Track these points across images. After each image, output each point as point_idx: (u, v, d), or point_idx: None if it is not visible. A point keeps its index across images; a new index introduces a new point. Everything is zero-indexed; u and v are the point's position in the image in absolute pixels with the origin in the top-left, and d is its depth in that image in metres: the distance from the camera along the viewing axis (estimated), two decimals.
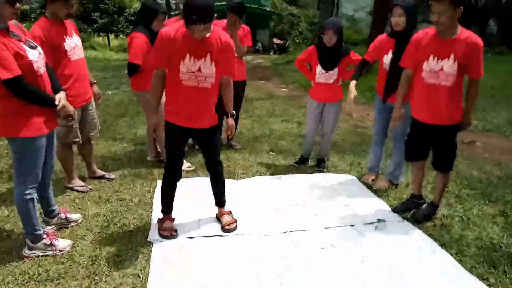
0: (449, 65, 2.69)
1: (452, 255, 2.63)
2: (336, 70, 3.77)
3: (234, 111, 2.82)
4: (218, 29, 2.51)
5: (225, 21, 4.22)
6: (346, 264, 2.52)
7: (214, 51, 2.46)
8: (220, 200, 2.99)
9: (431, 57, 2.75)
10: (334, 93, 3.89)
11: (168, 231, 2.76)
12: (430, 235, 2.90)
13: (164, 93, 2.70)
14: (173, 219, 2.86)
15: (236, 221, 2.93)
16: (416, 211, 3.15)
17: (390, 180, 3.73)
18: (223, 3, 5.17)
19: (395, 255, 2.63)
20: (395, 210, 3.25)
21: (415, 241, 2.81)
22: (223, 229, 2.86)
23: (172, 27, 2.45)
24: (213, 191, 2.97)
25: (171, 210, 2.86)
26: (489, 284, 2.36)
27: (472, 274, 2.44)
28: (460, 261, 2.58)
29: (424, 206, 3.21)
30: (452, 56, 2.67)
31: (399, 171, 3.70)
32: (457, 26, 2.67)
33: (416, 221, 3.06)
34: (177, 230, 2.81)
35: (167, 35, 2.40)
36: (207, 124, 2.67)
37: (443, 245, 2.76)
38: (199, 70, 2.46)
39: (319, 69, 3.82)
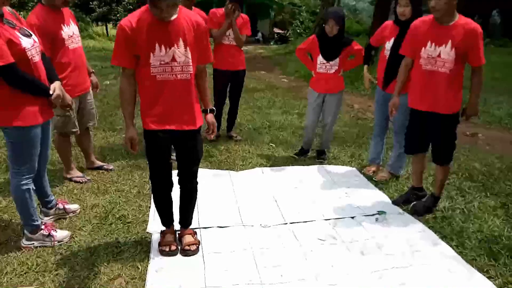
0: (446, 51, 2.68)
1: (453, 248, 2.62)
2: (337, 60, 3.73)
3: (213, 107, 2.44)
4: (185, 9, 2.16)
5: (222, 9, 4.18)
6: (346, 256, 2.51)
7: (186, 33, 2.10)
8: (186, 220, 2.57)
9: (428, 43, 2.74)
10: (335, 83, 3.84)
11: (168, 246, 2.45)
12: (431, 227, 2.88)
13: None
14: (174, 232, 2.57)
15: (199, 242, 2.55)
16: (416, 203, 3.13)
17: (391, 172, 3.71)
18: None
19: (396, 247, 2.62)
20: (395, 202, 3.23)
21: (415, 233, 2.79)
22: (182, 250, 2.47)
23: (131, 16, 2.07)
24: (180, 209, 2.54)
25: (172, 221, 2.55)
26: (490, 276, 2.35)
27: (472, 266, 2.43)
28: (461, 253, 2.57)
29: (424, 198, 3.18)
30: (449, 42, 2.65)
31: (400, 163, 3.68)
32: (455, 13, 2.66)
33: (416, 213, 3.04)
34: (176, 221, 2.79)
35: (127, 27, 2.02)
36: (194, 123, 2.27)
37: (444, 237, 2.75)
38: (173, 59, 2.10)
39: (320, 59, 3.77)
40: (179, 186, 2.45)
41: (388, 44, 3.39)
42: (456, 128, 2.92)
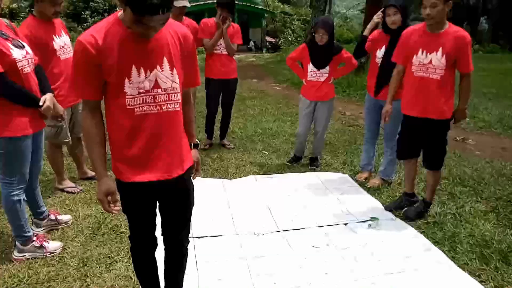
0: (437, 58, 2.75)
1: (445, 252, 2.64)
2: (327, 68, 3.77)
3: (198, 141, 1.96)
4: (169, 20, 1.52)
5: (213, 19, 4.21)
6: (339, 263, 2.51)
7: (172, 51, 1.57)
8: None
9: (419, 51, 2.82)
10: (326, 91, 3.88)
11: None
12: (423, 232, 2.90)
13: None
14: None
15: None
16: (407, 209, 3.16)
17: (382, 178, 3.74)
18: (210, 1, 5.14)
19: (389, 253, 2.63)
20: (387, 208, 3.25)
21: (408, 239, 2.81)
22: None
23: (95, 30, 1.48)
24: (166, 277, 1.98)
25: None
26: (481, 281, 2.37)
27: (464, 270, 2.45)
28: (452, 258, 2.59)
29: (416, 204, 3.21)
30: (440, 49, 2.73)
31: (391, 169, 3.71)
32: (445, 21, 2.75)
33: (408, 219, 3.07)
34: None
35: (90, 45, 1.44)
36: (182, 166, 1.70)
37: (436, 243, 2.77)
38: (156, 85, 1.55)
39: (310, 67, 3.82)
40: (164, 247, 1.91)
41: (379, 52, 3.44)
42: (447, 134, 2.96)
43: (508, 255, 2.62)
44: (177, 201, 1.77)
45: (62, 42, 3.03)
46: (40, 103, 2.33)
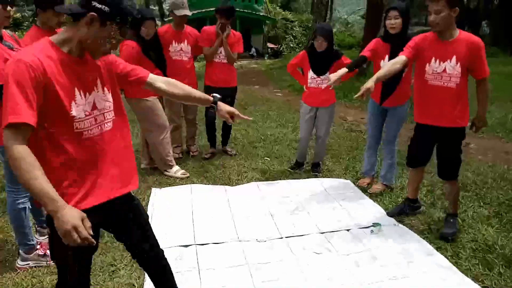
0: (451, 66, 2.69)
1: (447, 258, 2.64)
2: (327, 74, 3.79)
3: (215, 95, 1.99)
4: None
5: (214, 27, 4.21)
6: (342, 269, 2.51)
7: (102, 72, 1.58)
8: None
9: (432, 59, 2.75)
10: (326, 97, 3.90)
11: None
12: (425, 238, 2.90)
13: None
14: None
15: None
16: (443, 232, 2.92)
17: (384, 184, 3.74)
18: (211, 8, 5.11)
19: (391, 259, 2.63)
20: (390, 213, 3.25)
21: (411, 245, 2.81)
22: None
23: (35, 51, 1.38)
24: None
25: None
26: (485, 286, 2.36)
27: (467, 276, 2.44)
28: (455, 263, 2.58)
29: (446, 222, 2.99)
30: (454, 57, 2.68)
31: (391, 174, 3.72)
32: (455, 28, 2.68)
33: (445, 240, 2.86)
34: (173, 238, 2.79)
35: (37, 67, 1.33)
36: (130, 185, 1.69)
37: (438, 248, 2.76)
38: (94, 107, 1.53)
39: (311, 74, 3.84)
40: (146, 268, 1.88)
41: (383, 63, 3.37)
42: (461, 143, 2.89)
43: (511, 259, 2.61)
44: (138, 214, 1.76)
45: None
46: None
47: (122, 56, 3.63)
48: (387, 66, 2.87)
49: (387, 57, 3.34)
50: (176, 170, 4.03)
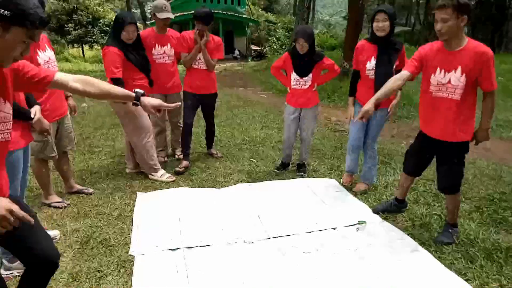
0: (456, 77, 2.56)
1: (431, 253, 2.69)
2: (310, 76, 3.83)
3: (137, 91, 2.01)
4: None
5: (193, 32, 4.08)
6: (329, 268, 2.54)
7: (7, 79, 1.56)
8: None
9: (437, 70, 2.63)
10: (309, 98, 3.94)
11: None
12: (410, 234, 2.95)
13: None
14: None
15: None
16: (439, 238, 2.90)
17: (365, 183, 3.80)
18: (193, 11, 4.93)
19: (378, 255, 2.67)
20: (375, 210, 3.30)
21: (396, 241, 2.86)
22: None
23: None
24: None
25: None
26: (467, 279, 2.42)
27: (451, 270, 2.50)
28: (439, 258, 2.64)
29: (444, 230, 2.93)
30: (459, 68, 2.53)
31: (372, 173, 3.78)
32: (464, 36, 2.54)
33: (444, 243, 2.83)
34: (160, 242, 2.79)
35: None
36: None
37: (422, 244, 2.82)
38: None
39: (293, 75, 3.88)
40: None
41: (369, 64, 3.38)
42: (464, 157, 2.79)
43: (492, 253, 2.68)
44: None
45: (46, 57, 3.02)
46: (32, 115, 2.33)
47: (105, 63, 3.60)
48: (389, 83, 2.74)
49: (373, 58, 3.36)
50: (162, 174, 4.01)
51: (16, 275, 2.42)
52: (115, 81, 3.55)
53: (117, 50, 3.58)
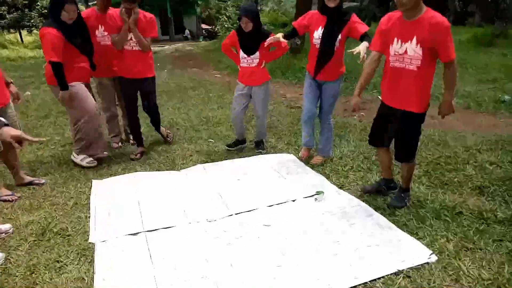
0: (412, 48, 2.56)
1: (386, 216, 2.85)
2: (257, 54, 3.82)
3: None
4: None
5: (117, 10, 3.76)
6: (290, 238, 2.62)
7: None
8: None
9: (395, 40, 2.64)
10: (259, 75, 3.95)
11: None
12: (365, 201, 3.10)
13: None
14: None
15: None
16: (391, 201, 3.06)
17: (323, 156, 3.91)
18: None
19: (336, 222, 2.79)
20: (365, 190, 3.25)
21: (351, 208, 2.99)
22: None
23: None
24: None
25: None
26: (419, 238, 2.59)
27: (403, 230, 2.66)
28: (393, 221, 2.79)
29: (397, 195, 3.08)
30: (414, 38, 2.52)
31: (328, 146, 3.89)
32: (422, 7, 2.51)
33: (395, 207, 2.98)
34: (120, 228, 2.74)
35: None
36: None
37: (377, 209, 2.97)
38: None
39: (241, 53, 3.87)
40: None
41: (316, 33, 3.44)
42: (420, 127, 2.84)
43: (440, 212, 2.88)
44: None
45: None
46: None
47: (43, 46, 3.38)
48: (364, 70, 2.85)
49: (320, 28, 3.41)
50: (82, 158, 3.83)
51: None
52: (54, 65, 3.37)
53: (56, 32, 3.35)
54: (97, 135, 3.81)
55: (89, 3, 20.96)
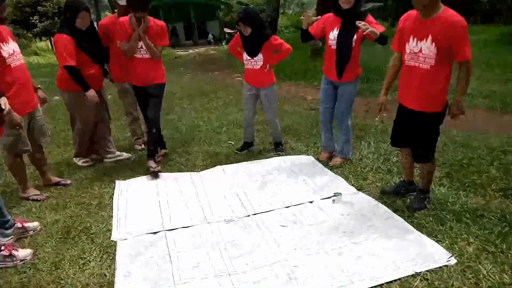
0: (426, 46, 2.54)
1: (405, 219, 2.81)
2: (260, 56, 3.85)
3: None
4: None
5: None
6: (307, 239, 2.63)
7: None
8: None
9: (411, 38, 2.63)
10: (263, 78, 3.97)
11: None
12: (384, 203, 3.07)
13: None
14: None
15: None
16: (409, 203, 3.02)
17: (342, 157, 3.89)
18: None
19: (354, 224, 2.78)
20: (384, 191, 3.22)
21: (370, 210, 2.97)
22: None
23: None
24: None
25: None
26: (438, 240, 2.54)
27: (422, 232, 2.62)
28: (411, 222, 2.76)
29: (416, 196, 3.03)
30: (429, 37, 2.51)
31: (347, 148, 3.87)
32: (439, 5, 2.49)
33: (413, 210, 2.92)
34: (141, 227, 2.82)
35: None
36: None
37: (396, 211, 2.94)
38: None
39: (245, 55, 3.92)
40: None
41: (332, 35, 3.45)
42: (438, 128, 2.79)
43: (461, 214, 2.82)
44: None
45: (10, 50, 2.96)
46: (2, 107, 2.30)
47: (57, 50, 3.52)
48: (388, 72, 2.94)
49: (336, 29, 3.41)
50: (79, 159, 4.11)
51: None
52: (69, 69, 3.49)
53: (69, 38, 3.49)
54: (89, 143, 4.04)
55: (115, 11, 21.54)
